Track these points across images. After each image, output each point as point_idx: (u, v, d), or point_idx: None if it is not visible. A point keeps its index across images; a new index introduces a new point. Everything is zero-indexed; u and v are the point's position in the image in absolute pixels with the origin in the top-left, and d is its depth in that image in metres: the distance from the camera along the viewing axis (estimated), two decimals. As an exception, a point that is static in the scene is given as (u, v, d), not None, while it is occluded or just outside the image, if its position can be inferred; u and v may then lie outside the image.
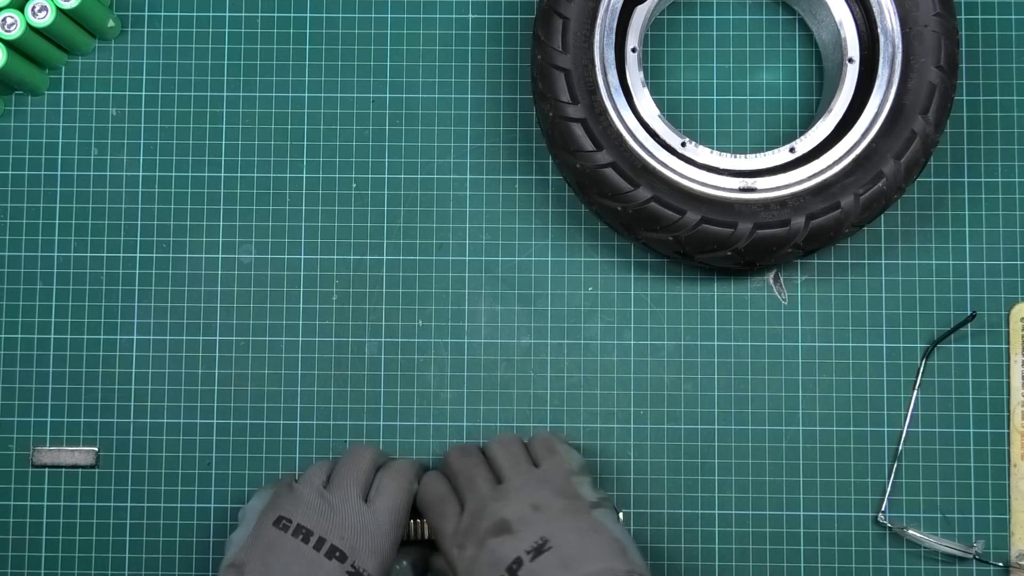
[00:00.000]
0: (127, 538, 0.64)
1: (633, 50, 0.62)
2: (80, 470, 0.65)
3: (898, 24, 0.61)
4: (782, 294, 0.65)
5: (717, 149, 0.62)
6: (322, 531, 0.57)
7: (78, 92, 0.67)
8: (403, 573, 0.60)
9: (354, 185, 0.66)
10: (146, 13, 0.67)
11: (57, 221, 0.66)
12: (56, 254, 0.66)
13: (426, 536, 0.61)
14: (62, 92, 0.67)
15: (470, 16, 0.67)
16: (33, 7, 0.62)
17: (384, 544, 0.58)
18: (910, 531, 0.63)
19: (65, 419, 0.65)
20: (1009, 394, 0.64)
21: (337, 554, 0.56)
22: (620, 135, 0.60)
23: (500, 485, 0.59)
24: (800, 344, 0.65)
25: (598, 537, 0.56)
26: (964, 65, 0.66)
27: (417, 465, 0.62)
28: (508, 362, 0.65)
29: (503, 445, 0.61)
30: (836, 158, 0.60)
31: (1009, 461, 0.64)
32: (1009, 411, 0.64)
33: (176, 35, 0.67)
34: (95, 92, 0.67)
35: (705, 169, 0.61)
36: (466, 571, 0.57)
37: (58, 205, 0.66)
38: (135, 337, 0.65)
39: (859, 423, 0.64)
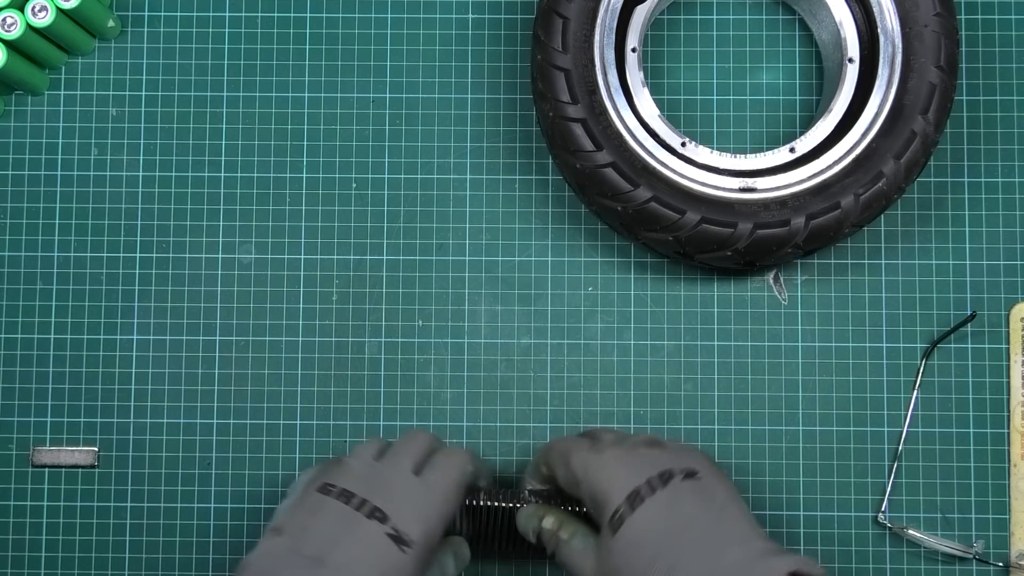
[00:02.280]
0: (127, 538, 0.64)
1: (633, 50, 0.62)
2: (80, 470, 0.65)
3: (898, 24, 0.61)
4: (782, 294, 0.65)
5: (717, 149, 0.62)
6: (366, 494, 0.55)
7: (78, 92, 0.67)
8: (458, 544, 0.59)
9: (354, 185, 0.66)
10: (146, 13, 0.67)
11: (57, 221, 0.66)
12: (56, 254, 0.66)
13: (495, 503, 0.59)
14: (62, 92, 0.67)
15: (470, 16, 0.67)
16: (33, 7, 0.62)
17: (430, 513, 0.55)
18: (910, 531, 0.63)
19: (65, 419, 0.65)
20: (1009, 394, 0.64)
21: (378, 514, 0.54)
22: (620, 135, 0.60)
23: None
24: (800, 344, 0.65)
25: (737, 497, 0.55)
26: (964, 65, 0.66)
27: (474, 454, 0.60)
28: (508, 362, 0.65)
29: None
30: (836, 158, 0.60)
31: (1009, 461, 0.64)
32: (1009, 411, 0.64)
33: (176, 35, 0.67)
34: (95, 92, 0.67)
35: (705, 169, 0.61)
36: (601, 468, 0.54)
37: (58, 205, 0.66)
38: (135, 337, 0.65)
39: (859, 423, 0.64)
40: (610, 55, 0.61)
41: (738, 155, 0.61)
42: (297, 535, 0.54)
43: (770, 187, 0.60)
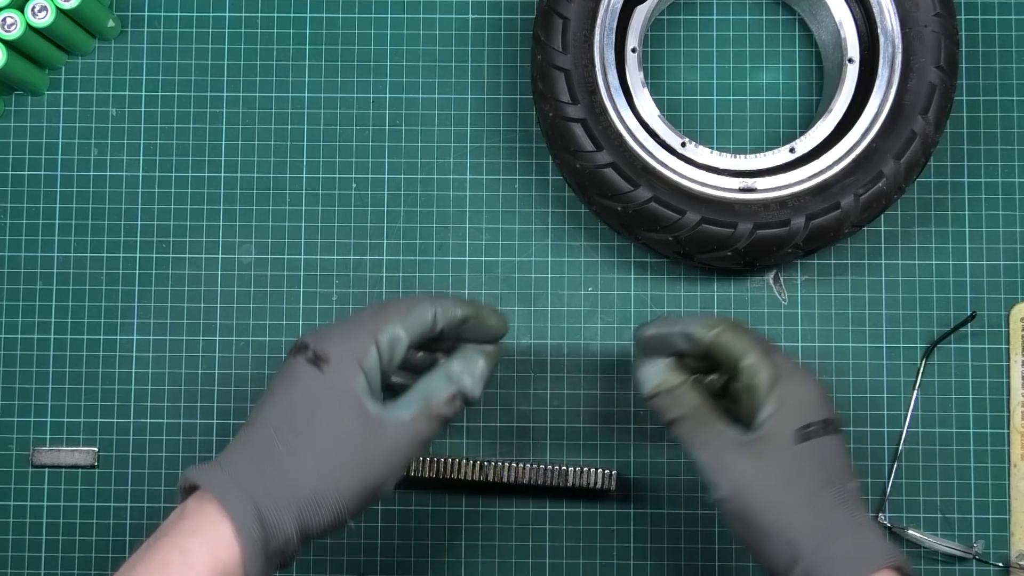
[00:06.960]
0: (127, 538, 0.64)
1: (633, 50, 0.62)
2: (80, 470, 0.65)
3: (898, 24, 0.61)
4: (782, 294, 0.65)
5: (717, 149, 0.62)
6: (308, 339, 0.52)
7: (78, 92, 0.67)
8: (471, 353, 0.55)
9: (354, 185, 0.66)
10: (146, 13, 0.67)
11: (57, 221, 0.66)
12: (56, 254, 0.66)
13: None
14: (62, 92, 0.67)
15: (470, 16, 0.67)
16: (33, 7, 0.62)
17: (349, 329, 0.52)
18: (910, 531, 0.63)
19: (65, 419, 0.65)
20: (1009, 394, 0.64)
21: (303, 350, 0.51)
22: (620, 135, 0.60)
23: None
24: (800, 344, 0.65)
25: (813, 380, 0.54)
26: (964, 65, 0.66)
27: (443, 297, 0.55)
28: (507, 362, 0.65)
29: None
30: (836, 158, 0.60)
31: (1009, 461, 0.64)
32: (1009, 411, 0.64)
33: (176, 35, 0.67)
34: (95, 92, 0.67)
35: (705, 169, 0.61)
36: (800, 384, 0.53)
37: (58, 205, 0.66)
38: (135, 337, 0.65)
39: (859, 423, 0.64)
40: (610, 55, 0.61)
41: (738, 155, 0.61)
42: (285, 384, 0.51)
43: (770, 187, 0.60)
